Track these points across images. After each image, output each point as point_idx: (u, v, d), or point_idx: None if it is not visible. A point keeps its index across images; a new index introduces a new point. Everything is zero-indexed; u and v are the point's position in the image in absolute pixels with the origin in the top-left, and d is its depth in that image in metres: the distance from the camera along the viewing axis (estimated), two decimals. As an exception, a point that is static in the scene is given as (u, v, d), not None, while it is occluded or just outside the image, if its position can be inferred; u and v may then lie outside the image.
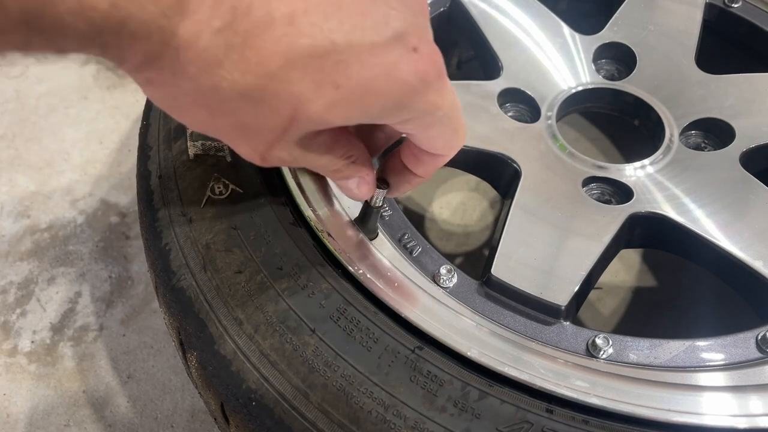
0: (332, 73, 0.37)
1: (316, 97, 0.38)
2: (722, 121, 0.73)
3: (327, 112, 0.39)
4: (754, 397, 0.48)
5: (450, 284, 0.57)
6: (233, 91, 0.37)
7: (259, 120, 0.39)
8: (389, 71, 0.38)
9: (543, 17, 0.83)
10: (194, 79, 0.36)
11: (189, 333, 0.51)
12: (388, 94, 0.39)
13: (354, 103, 0.39)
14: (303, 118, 0.39)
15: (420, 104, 0.41)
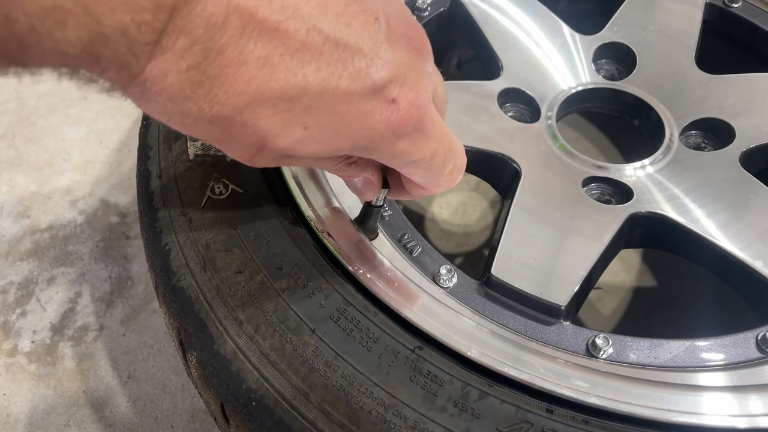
0: (301, 116, 0.38)
1: (284, 134, 0.38)
2: (722, 121, 0.73)
3: (295, 147, 0.39)
4: (754, 397, 0.48)
5: (450, 284, 0.57)
6: (201, 119, 0.37)
7: (231, 142, 0.40)
8: (360, 119, 0.39)
9: (543, 17, 0.83)
10: (163, 106, 0.37)
11: (189, 333, 0.51)
12: (357, 138, 0.40)
13: (322, 142, 0.39)
14: (272, 148, 0.39)
15: (389, 150, 0.41)
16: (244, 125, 0.38)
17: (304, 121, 0.38)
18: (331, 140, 0.39)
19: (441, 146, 0.44)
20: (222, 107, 0.37)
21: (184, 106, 0.36)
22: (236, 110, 0.37)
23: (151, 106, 0.37)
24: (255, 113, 0.37)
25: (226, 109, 0.37)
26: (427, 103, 0.41)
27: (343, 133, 0.39)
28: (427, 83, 0.41)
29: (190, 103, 0.36)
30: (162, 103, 0.37)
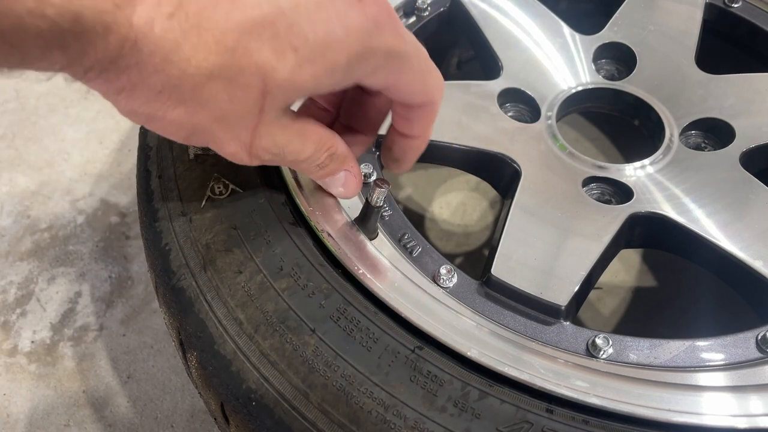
0: (288, 37, 0.39)
1: (280, 64, 0.39)
2: (722, 121, 0.73)
3: (294, 75, 0.40)
4: (754, 397, 0.48)
5: (450, 284, 0.57)
6: (201, 75, 0.38)
7: (234, 103, 0.41)
8: (341, 22, 0.40)
9: (543, 17, 0.83)
10: (161, 71, 0.37)
11: (189, 333, 0.51)
12: (347, 44, 0.41)
13: (317, 60, 0.40)
14: (273, 88, 0.40)
15: (379, 46, 0.42)
16: (242, 70, 0.39)
17: (292, 42, 0.39)
18: (324, 55, 0.40)
19: (415, 40, 0.46)
20: (215, 55, 0.38)
21: (181, 62, 0.37)
22: (229, 53, 0.38)
23: (148, 77, 0.38)
24: (247, 49, 0.39)
25: (220, 56, 0.38)
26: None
27: (332, 43, 0.40)
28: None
29: (185, 55, 0.37)
30: (159, 66, 0.37)
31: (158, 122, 0.42)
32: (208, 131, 0.43)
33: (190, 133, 0.43)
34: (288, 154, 0.46)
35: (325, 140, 0.48)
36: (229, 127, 0.42)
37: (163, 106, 0.40)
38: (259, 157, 0.45)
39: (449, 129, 0.71)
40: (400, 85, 0.46)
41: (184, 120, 0.41)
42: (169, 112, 0.41)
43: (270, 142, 0.44)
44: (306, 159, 0.48)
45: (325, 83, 0.42)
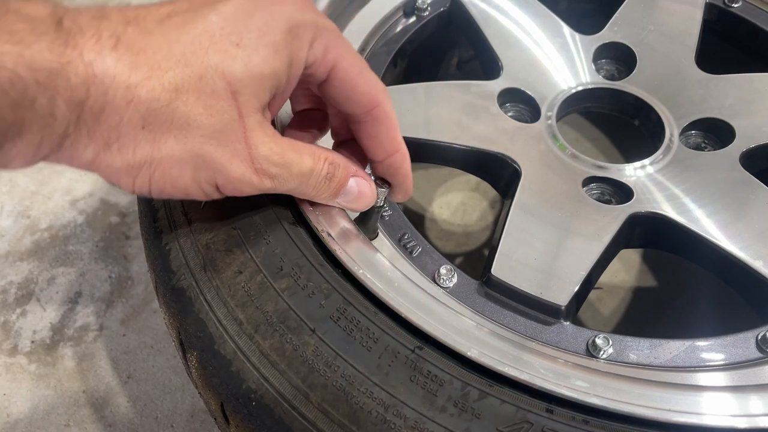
0: (225, 37, 0.43)
1: (231, 60, 0.43)
2: (722, 121, 0.72)
3: (248, 66, 0.43)
4: (754, 397, 0.48)
5: (450, 284, 0.57)
6: (167, 92, 0.41)
7: (213, 114, 0.42)
8: (264, 11, 0.44)
9: (543, 17, 0.83)
10: (131, 100, 0.40)
11: (189, 333, 0.51)
12: (277, 24, 0.44)
13: (259, 46, 0.43)
14: (239, 85, 0.43)
15: (305, 19, 0.45)
16: (200, 75, 0.42)
17: (230, 39, 0.43)
18: (262, 40, 0.43)
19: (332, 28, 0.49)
20: (172, 71, 0.41)
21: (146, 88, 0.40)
22: (180, 64, 0.41)
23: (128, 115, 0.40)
24: (195, 58, 0.42)
25: (176, 69, 0.41)
26: None
27: (263, 27, 0.43)
28: None
29: (147, 83, 0.40)
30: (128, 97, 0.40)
31: (159, 169, 0.43)
32: (207, 157, 0.44)
33: (194, 169, 0.44)
34: (291, 165, 0.47)
35: (319, 151, 0.49)
36: (223, 142, 0.44)
37: (155, 144, 0.42)
38: (265, 172, 0.46)
39: (449, 129, 0.71)
40: (341, 66, 0.47)
41: (179, 152, 0.43)
42: (163, 148, 0.42)
43: (267, 149, 0.45)
44: (310, 171, 0.49)
45: (279, 66, 0.44)
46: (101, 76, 0.38)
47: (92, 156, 0.41)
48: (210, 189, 0.46)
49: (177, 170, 0.44)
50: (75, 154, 0.40)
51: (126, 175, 0.43)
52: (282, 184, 0.48)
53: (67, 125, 0.38)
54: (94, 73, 0.38)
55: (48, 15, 0.37)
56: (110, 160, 0.41)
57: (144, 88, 0.39)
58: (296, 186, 0.49)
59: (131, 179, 0.43)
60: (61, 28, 0.37)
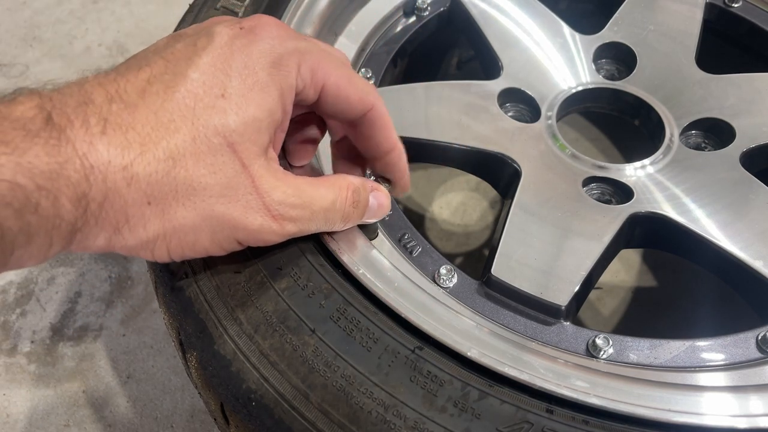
0: (209, 92, 0.43)
1: (221, 114, 0.42)
2: (722, 121, 0.72)
3: (239, 113, 0.43)
4: (754, 397, 0.48)
5: (450, 284, 0.57)
6: (165, 161, 0.41)
7: (217, 172, 0.42)
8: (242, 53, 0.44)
9: (543, 17, 0.83)
10: (131, 177, 0.40)
11: (189, 333, 0.51)
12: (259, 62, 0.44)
13: (245, 90, 0.43)
14: (234, 135, 0.42)
15: (286, 48, 0.46)
16: (194, 137, 0.41)
17: (215, 93, 0.42)
18: (247, 82, 0.43)
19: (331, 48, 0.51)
20: (165, 139, 0.40)
21: (143, 162, 0.40)
22: (170, 132, 0.41)
23: (132, 194, 0.40)
24: (184, 121, 0.41)
25: (168, 137, 0.40)
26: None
27: (245, 69, 0.43)
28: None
29: (143, 157, 0.40)
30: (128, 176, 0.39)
31: (175, 238, 0.43)
32: (221, 217, 0.43)
33: (210, 231, 0.44)
34: (312, 203, 0.47)
35: (338, 180, 0.49)
36: (233, 198, 0.43)
37: (164, 216, 0.41)
38: (284, 216, 0.45)
39: (449, 129, 0.71)
40: (330, 83, 0.47)
41: (191, 218, 0.42)
42: (173, 219, 0.42)
43: (281, 194, 0.45)
44: (332, 204, 0.48)
45: (271, 104, 0.44)
46: (98, 165, 0.38)
47: (105, 242, 0.41)
48: (231, 245, 0.46)
49: (193, 236, 0.43)
50: (87, 244, 0.40)
51: (143, 250, 0.43)
52: (307, 225, 0.48)
53: (75, 221, 0.38)
54: (90, 165, 0.37)
55: (36, 114, 0.37)
56: (123, 242, 0.41)
57: (140, 165, 0.39)
58: (323, 221, 0.49)
59: (149, 252, 0.43)
60: (52, 125, 0.37)
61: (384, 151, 0.52)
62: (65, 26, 1.42)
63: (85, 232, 0.39)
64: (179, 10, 0.76)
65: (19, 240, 0.35)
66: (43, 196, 0.35)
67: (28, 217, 0.35)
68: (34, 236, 0.36)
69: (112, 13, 1.44)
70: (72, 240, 0.39)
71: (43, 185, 0.35)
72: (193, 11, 0.72)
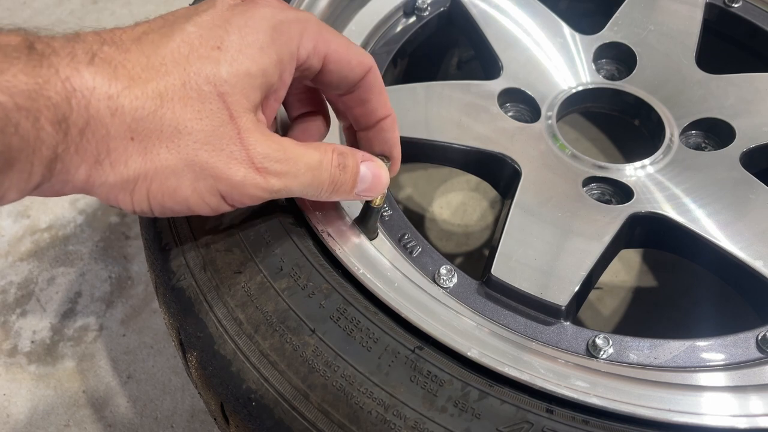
0: (206, 43, 0.43)
1: (213, 64, 0.42)
2: (722, 121, 0.72)
3: (233, 66, 0.43)
4: (754, 397, 0.48)
5: (450, 284, 0.57)
6: (152, 99, 0.40)
7: (203, 119, 0.42)
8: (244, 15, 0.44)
9: (543, 17, 0.83)
10: (115, 110, 0.39)
11: (189, 333, 0.51)
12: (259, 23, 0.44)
13: (243, 46, 0.43)
14: (225, 86, 0.42)
15: (287, 16, 0.46)
16: (184, 81, 0.41)
17: (211, 45, 0.42)
18: (245, 39, 0.43)
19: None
20: (155, 80, 0.40)
21: (129, 96, 0.40)
22: (161, 74, 0.41)
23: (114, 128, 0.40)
24: (177, 66, 0.41)
25: (158, 78, 0.41)
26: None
27: (245, 28, 0.43)
28: None
29: (129, 91, 0.39)
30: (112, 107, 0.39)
31: (156, 181, 0.42)
32: (203, 163, 0.42)
33: (192, 178, 0.42)
34: (297, 159, 0.45)
35: (323, 144, 0.49)
36: (217, 146, 0.42)
37: (147, 155, 0.41)
38: (268, 170, 0.44)
39: (449, 129, 0.71)
40: (332, 50, 0.48)
41: (174, 161, 0.42)
42: (155, 159, 0.41)
43: (265, 147, 0.44)
44: (319, 163, 0.47)
45: (267, 64, 0.44)
46: (81, 89, 0.37)
47: (85, 175, 0.40)
48: (214, 200, 0.44)
49: (174, 181, 0.42)
50: (68, 177, 0.39)
51: (122, 192, 0.42)
52: (293, 181, 0.46)
53: (56, 146, 0.37)
54: (73, 87, 0.37)
55: (20, 42, 0.36)
56: (104, 177, 0.40)
57: (126, 97, 0.39)
58: (310, 181, 0.47)
59: (128, 195, 0.42)
60: (34, 52, 0.36)
61: (380, 116, 0.53)
62: (65, 26, 1.41)
63: (65, 161, 0.38)
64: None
65: (0, 162, 0.35)
66: (23, 116, 0.35)
67: (9, 137, 0.35)
68: (15, 160, 0.36)
69: (112, 13, 1.44)
70: (53, 170, 0.38)
71: (23, 104, 0.35)
72: (193, 11, 0.72)
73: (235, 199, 0.45)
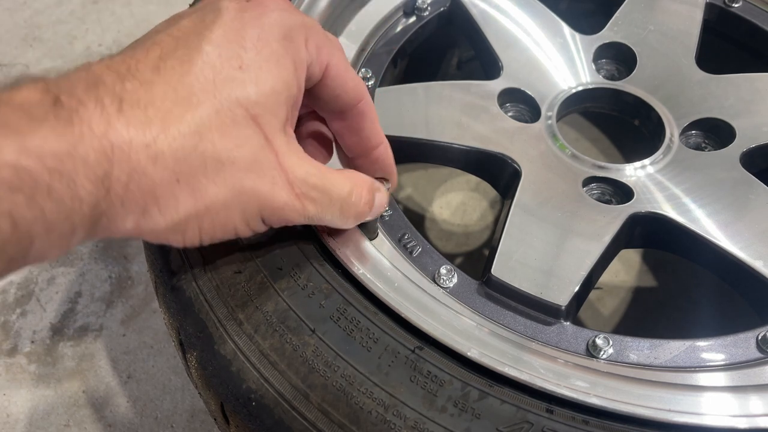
0: (227, 64, 0.42)
1: (240, 85, 0.41)
2: (722, 121, 0.72)
3: (259, 84, 0.42)
4: (754, 397, 0.48)
5: (450, 284, 0.57)
6: (190, 135, 0.39)
7: (242, 145, 0.41)
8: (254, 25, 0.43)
9: (543, 17, 0.83)
10: (155, 155, 0.38)
11: (189, 333, 0.51)
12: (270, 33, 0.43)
13: (262, 61, 0.43)
14: (256, 107, 0.41)
15: (294, 20, 0.45)
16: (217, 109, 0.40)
17: (232, 65, 0.41)
18: (262, 53, 0.42)
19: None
20: (189, 113, 0.39)
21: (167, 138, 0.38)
22: (193, 105, 0.39)
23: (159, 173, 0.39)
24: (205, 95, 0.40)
25: (190, 110, 0.39)
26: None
27: (259, 41, 0.43)
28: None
29: (166, 132, 0.38)
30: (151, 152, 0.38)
31: (207, 217, 0.41)
32: (250, 191, 0.42)
33: (241, 207, 0.42)
34: (331, 189, 0.46)
35: (353, 175, 0.49)
36: (260, 172, 0.42)
37: (195, 194, 0.40)
38: (306, 196, 0.44)
39: (449, 129, 0.71)
40: (333, 64, 0.47)
41: (223, 194, 0.41)
42: (205, 196, 0.40)
43: (304, 172, 0.44)
44: (349, 194, 0.47)
45: (287, 76, 0.43)
46: (118, 143, 0.36)
47: (133, 225, 0.39)
48: (257, 224, 0.44)
49: (225, 214, 0.42)
50: (114, 229, 0.38)
51: (173, 233, 0.41)
52: (323, 210, 0.46)
53: (97, 203, 0.36)
54: (110, 143, 0.35)
55: (42, 97, 0.35)
56: (153, 224, 0.40)
57: (164, 141, 0.38)
58: (338, 211, 0.48)
59: (180, 236, 0.42)
60: (61, 107, 0.35)
61: (373, 145, 0.52)
62: (65, 26, 1.42)
63: (110, 216, 0.37)
64: (179, 10, 0.76)
65: (36, 229, 0.33)
66: (56, 179, 0.33)
67: (42, 202, 0.33)
68: (53, 223, 0.34)
69: (112, 13, 1.44)
70: (97, 225, 0.37)
71: (55, 167, 0.33)
72: (193, 11, 0.72)
73: (272, 222, 0.45)
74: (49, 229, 0.34)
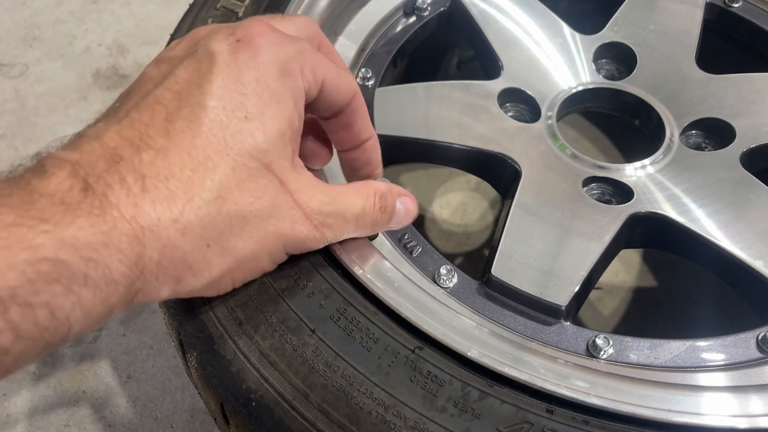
0: (231, 115, 0.42)
1: (247, 134, 0.42)
2: (722, 121, 0.72)
3: (265, 125, 0.43)
4: (754, 398, 0.48)
5: (450, 284, 0.57)
6: (212, 198, 0.40)
7: (260, 196, 0.43)
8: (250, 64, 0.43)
9: (543, 17, 0.83)
10: (183, 227, 0.39)
11: (189, 333, 0.51)
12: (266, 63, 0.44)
13: (263, 100, 0.43)
14: (266, 155, 0.42)
15: (285, 41, 0.46)
16: (232, 166, 0.42)
17: (237, 115, 0.42)
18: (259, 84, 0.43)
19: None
20: (204, 177, 0.40)
21: (192, 207, 0.40)
22: (210, 169, 0.41)
23: (188, 244, 0.40)
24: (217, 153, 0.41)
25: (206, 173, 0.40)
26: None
27: (256, 76, 0.43)
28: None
29: (190, 202, 0.39)
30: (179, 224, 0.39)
31: (239, 270, 0.44)
32: (274, 237, 0.44)
33: (269, 253, 0.45)
34: (345, 211, 0.48)
35: (363, 188, 0.50)
36: (281, 216, 0.44)
37: (226, 254, 0.42)
38: (323, 224, 0.47)
39: (449, 129, 0.71)
40: (327, 78, 0.48)
41: (251, 247, 0.43)
42: (234, 253, 0.42)
43: (317, 202, 0.46)
44: (362, 210, 0.49)
45: (288, 113, 0.44)
46: (148, 225, 0.37)
47: (169, 293, 0.41)
48: (282, 258, 0.48)
49: (254, 263, 0.45)
50: (150, 299, 0.40)
51: (208, 291, 0.44)
52: (341, 231, 0.49)
53: (132, 283, 0.37)
54: (141, 227, 0.37)
55: (72, 185, 0.36)
56: (188, 288, 0.41)
57: (190, 212, 0.39)
58: (354, 228, 0.50)
59: (215, 290, 0.45)
60: (92, 193, 0.36)
61: (364, 138, 0.53)
62: (65, 26, 1.42)
63: (146, 291, 0.39)
64: (179, 9, 0.75)
65: (75, 315, 0.34)
66: (92, 268, 0.34)
67: (78, 290, 0.34)
68: (90, 308, 0.35)
69: (112, 13, 1.44)
70: (132, 300, 0.38)
71: (90, 257, 0.34)
72: (193, 11, 0.72)
73: (295, 252, 0.48)
74: (87, 314, 0.35)
